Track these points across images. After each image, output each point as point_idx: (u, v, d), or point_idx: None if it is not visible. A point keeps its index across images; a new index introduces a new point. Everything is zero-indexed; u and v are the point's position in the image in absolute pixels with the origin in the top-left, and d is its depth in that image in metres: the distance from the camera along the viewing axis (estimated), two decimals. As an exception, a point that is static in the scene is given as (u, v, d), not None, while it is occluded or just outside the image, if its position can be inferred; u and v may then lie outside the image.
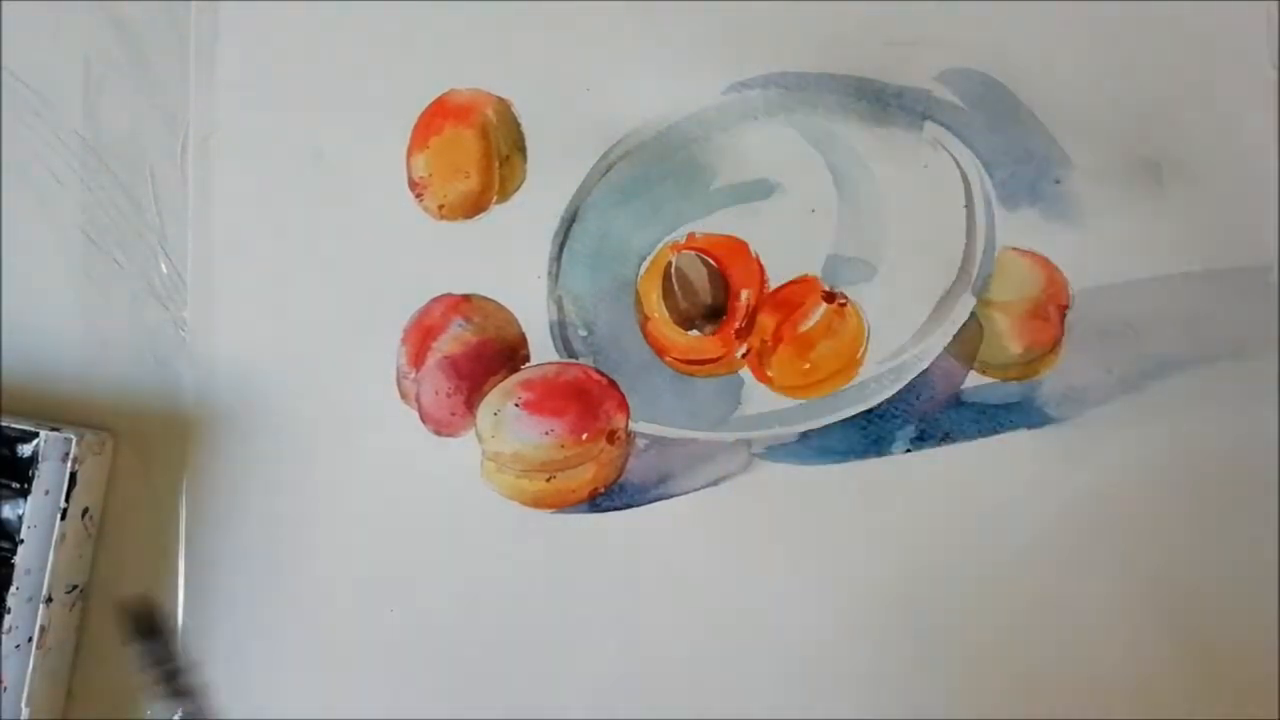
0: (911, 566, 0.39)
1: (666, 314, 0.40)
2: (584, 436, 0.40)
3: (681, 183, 0.41)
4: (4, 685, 0.37)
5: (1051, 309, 0.40)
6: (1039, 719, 0.39)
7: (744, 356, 0.40)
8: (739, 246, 0.40)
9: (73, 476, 0.38)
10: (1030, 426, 0.40)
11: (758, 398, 0.40)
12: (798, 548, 0.40)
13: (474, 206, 0.41)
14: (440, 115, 0.41)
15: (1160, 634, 0.39)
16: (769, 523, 0.40)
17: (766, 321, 0.40)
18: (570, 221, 0.40)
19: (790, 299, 0.40)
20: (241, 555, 0.40)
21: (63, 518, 0.38)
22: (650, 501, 0.40)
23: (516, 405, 0.40)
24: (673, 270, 0.40)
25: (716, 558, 0.40)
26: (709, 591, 0.40)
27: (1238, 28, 0.41)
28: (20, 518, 0.38)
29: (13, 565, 0.37)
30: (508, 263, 0.40)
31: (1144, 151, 0.41)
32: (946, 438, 0.40)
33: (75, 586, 0.39)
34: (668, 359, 0.40)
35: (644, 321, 0.40)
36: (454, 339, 0.40)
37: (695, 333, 0.40)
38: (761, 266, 0.40)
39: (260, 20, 0.42)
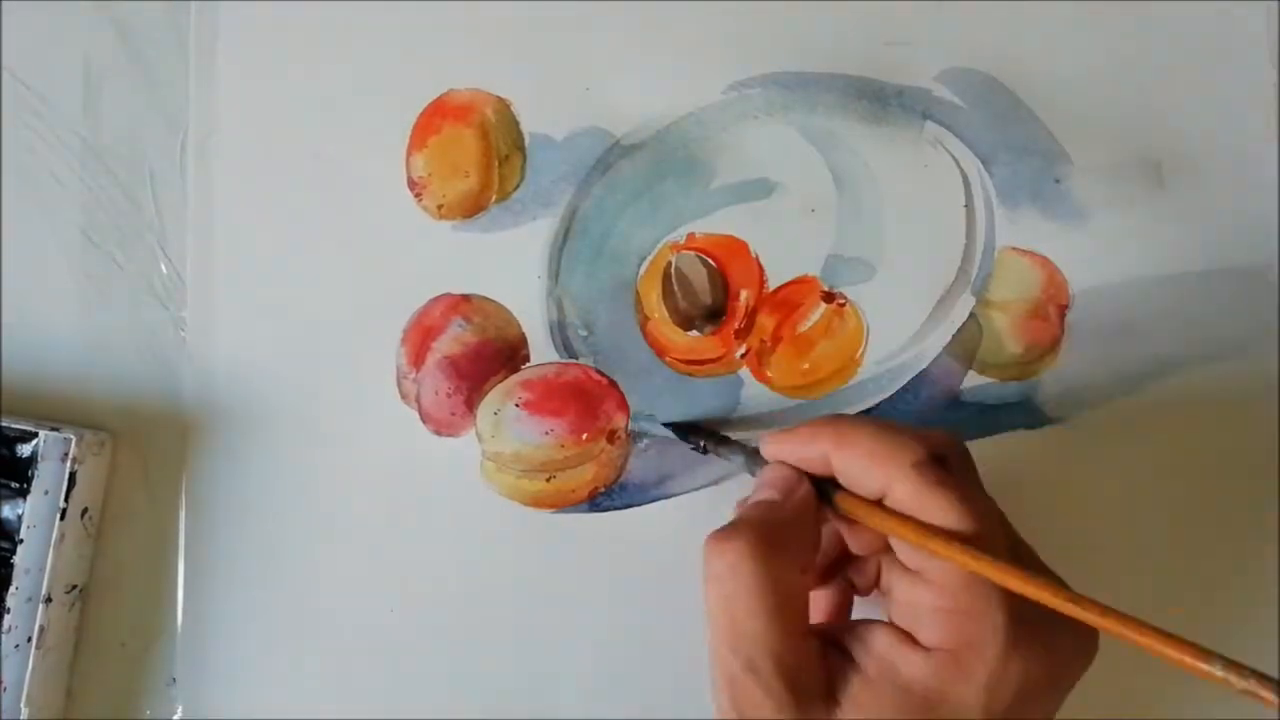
0: (911, 566, 0.39)
1: (666, 314, 0.40)
2: (584, 436, 0.40)
3: (681, 182, 0.41)
4: (4, 685, 0.37)
5: (1051, 309, 0.40)
6: (1039, 719, 0.39)
7: (743, 357, 0.40)
8: (739, 246, 0.40)
9: (72, 476, 0.38)
10: (1030, 426, 0.40)
11: (757, 398, 0.40)
12: (797, 548, 0.40)
13: (473, 206, 0.41)
14: (439, 115, 0.41)
15: (1160, 634, 0.39)
16: (769, 523, 0.40)
17: (766, 322, 0.40)
18: (570, 221, 0.40)
19: (790, 299, 0.40)
20: (241, 555, 0.40)
21: (62, 518, 0.38)
22: (650, 501, 0.40)
23: (516, 405, 0.40)
24: (672, 270, 0.40)
25: (716, 558, 0.40)
26: (709, 591, 0.40)
27: (1238, 28, 0.41)
28: (20, 518, 0.38)
29: (12, 565, 0.37)
30: (507, 262, 0.40)
31: (1144, 151, 0.41)
32: (946, 438, 0.40)
33: (75, 586, 0.39)
34: (668, 359, 0.40)
35: (644, 321, 0.40)
36: (454, 339, 0.40)
37: (695, 333, 0.40)
38: (761, 266, 0.40)
39: (260, 20, 0.42)
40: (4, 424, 0.38)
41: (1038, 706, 0.30)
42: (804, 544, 0.32)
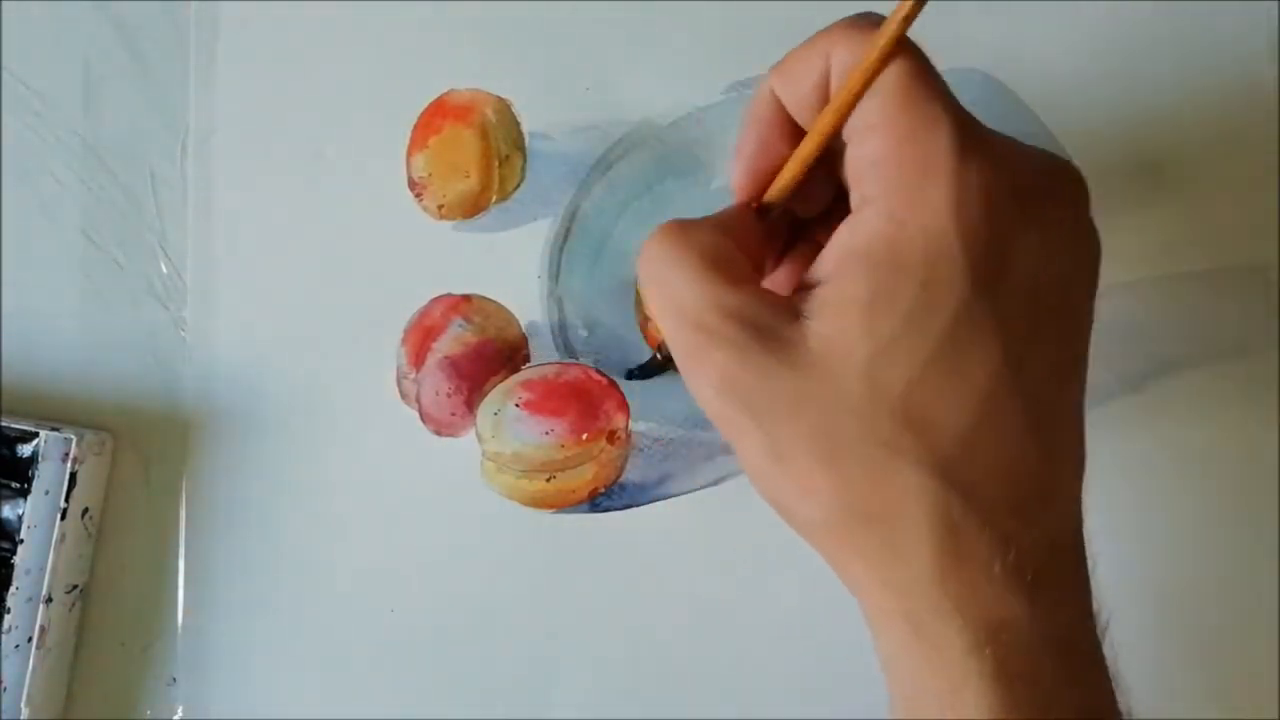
0: (911, 566, 0.39)
1: (666, 314, 0.40)
2: (584, 436, 0.40)
3: (681, 182, 0.41)
4: (4, 685, 0.37)
5: (1051, 309, 0.40)
6: (1039, 719, 0.39)
7: (744, 356, 0.40)
8: (739, 246, 0.40)
9: (73, 476, 0.38)
10: (1030, 426, 0.40)
11: (758, 398, 0.40)
12: (798, 548, 0.40)
13: (474, 206, 0.41)
14: (440, 115, 0.41)
15: (1160, 634, 0.39)
16: (769, 523, 0.40)
17: (766, 321, 0.40)
18: (570, 221, 0.40)
19: (790, 299, 0.40)
20: (241, 555, 0.40)
21: (63, 518, 0.38)
22: (650, 501, 0.40)
23: (517, 405, 0.40)
24: (673, 270, 0.40)
25: (716, 558, 0.40)
26: (709, 591, 0.40)
27: (1238, 28, 0.41)
28: (20, 518, 0.38)
29: (13, 565, 0.37)
30: (508, 263, 0.40)
31: (1144, 151, 0.41)
32: (946, 438, 0.40)
33: (75, 586, 0.39)
34: (668, 359, 0.40)
35: (644, 322, 0.40)
36: (454, 339, 0.40)
37: (695, 333, 0.40)
38: (761, 266, 0.40)
39: (260, 20, 0.42)
40: (4, 424, 0.38)
41: (1013, 229, 0.26)
42: (722, 219, 0.30)
